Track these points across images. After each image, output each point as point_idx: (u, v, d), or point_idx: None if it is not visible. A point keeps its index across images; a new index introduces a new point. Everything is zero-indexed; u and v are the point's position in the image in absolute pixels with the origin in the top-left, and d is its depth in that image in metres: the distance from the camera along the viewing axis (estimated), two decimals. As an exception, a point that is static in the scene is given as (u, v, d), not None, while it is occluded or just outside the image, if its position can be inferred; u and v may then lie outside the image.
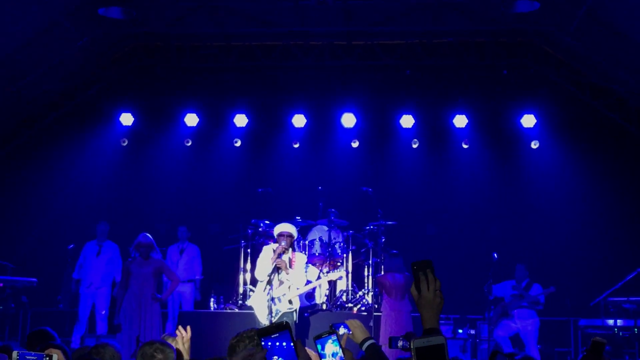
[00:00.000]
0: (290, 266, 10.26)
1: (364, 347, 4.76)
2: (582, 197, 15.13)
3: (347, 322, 4.89)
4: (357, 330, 4.90)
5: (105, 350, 5.76)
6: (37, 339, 5.70)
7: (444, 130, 15.59)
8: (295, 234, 10.45)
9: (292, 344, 2.18)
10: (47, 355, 3.62)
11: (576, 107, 15.05)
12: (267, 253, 10.38)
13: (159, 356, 4.92)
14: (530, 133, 15.34)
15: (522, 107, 15.19)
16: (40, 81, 14.34)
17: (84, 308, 13.29)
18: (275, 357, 2.16)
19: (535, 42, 14.65)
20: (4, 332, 12.46)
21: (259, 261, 10.68)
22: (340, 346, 2.69)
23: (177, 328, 11.62)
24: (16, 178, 15.61)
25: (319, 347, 2.68)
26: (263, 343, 2.17)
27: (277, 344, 2.16)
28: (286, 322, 2.27)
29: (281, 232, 10.32)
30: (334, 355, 2.65)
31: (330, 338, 2.68)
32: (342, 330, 4.84)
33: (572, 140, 15.19)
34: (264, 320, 9.98)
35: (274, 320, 9.97)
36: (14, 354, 3.67)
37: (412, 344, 2.37)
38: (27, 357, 3.64)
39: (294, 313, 10.23)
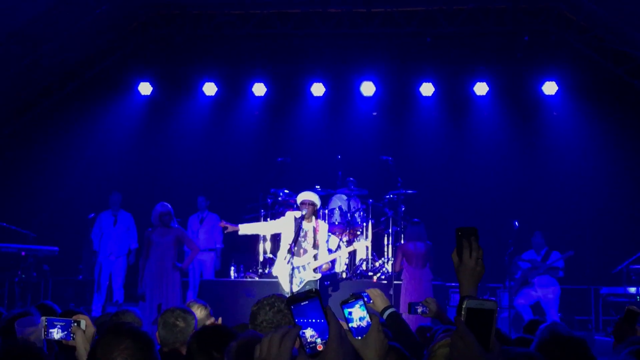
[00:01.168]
0: (315, 234, 10.23)
1: (384, 315, 4.77)
2: (604, 165, 15.01)
3: (368, 291, 4.89)
4: (377, 299, 4.91)
5: (126, 316, 5.80)
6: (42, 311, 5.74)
7: (464, 98, 15.50)
8: (318, 203, 10.39)
9: (321, 315, 2.14)
10: (75, 321, 3.63)
11: (598, 73, 14.89)
12: (289, 219, 10.33)
13: (181, 324, 4.92)
14: (552, 100, 15.21)
15: (544, 74, 15.06)
16: (58, 50, 14.33)
17: (105, 277, 13.39)
18: (309, 329, 2.12)
19: (556, 7, 14.45)
20: (26, 300, 12.55)
21: (278, 221, 10.73)
22: (367, 311, 2.65)
23: (197, 296, 11.73)
24: (36, 148, 15.66)
25: (346, 312, 2.64)
26: (294, 314, 2.13)
27: (307, 319, 2.11)
28: (316, 289, 2.23)
29: (303, 200, 10.28)
30: (361, 319, 2.61)
31: (357, 303, 2.64)
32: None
33: (594, 107, 15.03)
34: (287, 289, 9.99)
35: (297, 288, 9.97)
36: (43, 319, 3.68)
37: (464, 304, 2.32)
38: (55, 323, 3.66)
39: (317, 283, 10.23)
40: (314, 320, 2.11)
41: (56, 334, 3.68)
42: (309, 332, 2.10)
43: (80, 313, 3.80)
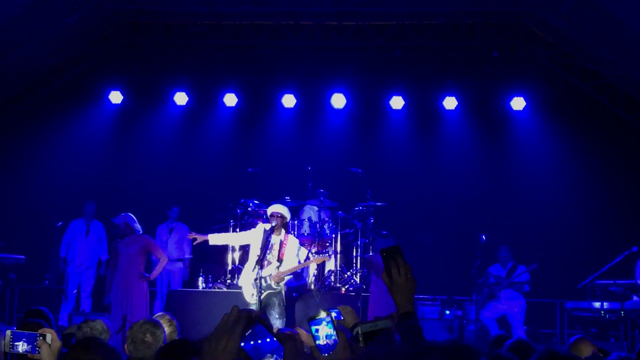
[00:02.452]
0: (281, 247, 10.23)
1: (353, 332, 4.81)
2: (571, 180, 15.20)
3: (339, 307, 4.93)
4: (348, 316, 4.94)
5: (95, 324, 5.79)
6: (33, 317, 5.72)
7: (433, 112, 15.62)
8: (287, 216, 10.40)
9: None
10: (41, 335, 3.63)
11: (565, 89, 15.08)
12: (259, 230, 10.36)
13: (149, 339, 4.92)
14: (520, 115, 15.39)
15: (512, 90, 15.23)
16: (28, 57, 14.23)
17: (72, 286, 13.29)
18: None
19: (525, 24, 14.63)
20: (-9, 308, 12.46)
21: (248, 232, 10.75)
22: (334, 328, 2.69)
23: (164, 306, 11.67)
24: (3, 154, 15.53)
25: (313, 329, 2.68)
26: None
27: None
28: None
29: (273, 213, 10.31)
30: (328, 337, 2.65)
31: (324, 320, 2.68)
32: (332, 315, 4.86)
33: (561, 123, 15.23)
34: (249, 299, 10.01)
35: (261, 297, 9.98)
36: (8, 332, 3.68)
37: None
38: (21, 336, 3.65)
39: (281, 293, 10.21)
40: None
41: (21, 347, 3.67)
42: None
43: (45, 327, 3.80)
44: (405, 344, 3.18)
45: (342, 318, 4.96)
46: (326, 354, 2.65)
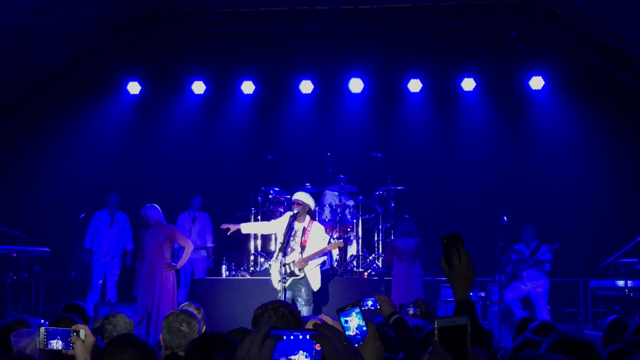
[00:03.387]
0: (304, 234, 10.25)
1: (390, 321, 4.87)
2: (592, 158, 15.11)
3: (376, 297, 4.99)
4: (384, 305, 5.01)
5: (116, 319, 5.85)
6: (68, 311, 5.80)
7: (452, 93, 15.57)
8: (309, 202, 10.39)
9: (308, 336, 2.12)
10: (75, 331, 3.68)
11: (584, 67, 14.97)
12: (286, 218, 10.39)
13: (185, 329, 4.99)
14: (538, 95, 15.31)
15: (530, 69, 15.14)
16: (46, 50, 14.29)
17: (97, 277, 13.43)
18: (301, 352, 2.11)
19: (543, 2, 14.52)
20: (18, 301, 12.57)
21: (277, 221, 10.85)
22: (364, 318, 2.71)
23: (188, 294, 11.75)
24: (25, 148, 15.65)
25: (343, 319, 2.70)
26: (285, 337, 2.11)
27: (292, 337, 2.10)
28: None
29: (294, 200, 10.35)
30: (358, 327, 2.67)
31: (354, 311, 2.70)
32: (369, 304, 4.93)
33: (581, 101, 15.12)
34: (277, 285, 10.06)
35: (286, 285, 10.02)
36: (42, 330, 3.73)
37: (436, 323, 2.39)
38: (55, 333, 3.71)
39: (305, 281, 10.21)
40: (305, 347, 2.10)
41: (55, 344, 3.72)
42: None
43: (76, 322, 3.85)
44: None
45: (379, 307, 5.02)
46: (356, 345, 2.67)
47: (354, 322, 2.71)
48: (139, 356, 2.94)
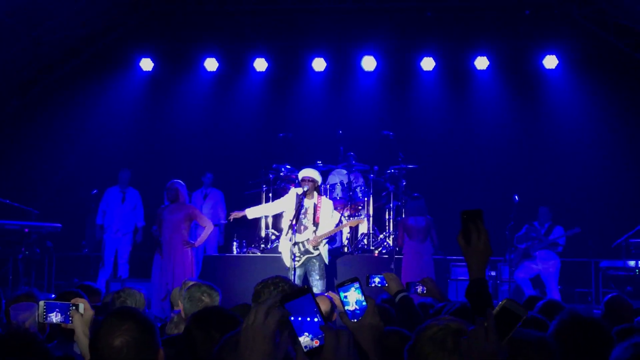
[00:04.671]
0: (316, 211, 10.29)
1: (397, 299, 4.89)
2: (605, 138, 15.02)
3: (384, 274, 5.01)
4: (392, 283, 5.03)
5: (127, 294, 5.86)
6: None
7: (465, 72, 15.48)
8: (318, 179, 10.42)
9: (315, 309, 2.16)
10: (74, 305, 3.70)
11: (599, 47, 14.84)
12: (292, 196, 10.41)
13: (206, 299, 5.03)
14: (552, 74, 15.20)
15: (544, 48, 15.03)
16: (60, 27, 14.30)
17: (109, 253, 13.50)
18: (306, 334, 2.14)
19: (559, -19, 14.40)
20: (30, 276, 12.66)
21: (282, 200, 10.86)
22: (363, 293, 2.71)
23: (199, 272, 11.76)
24: (38, 125, 15.70)
25: (342, 294, 2.70)
26: (287, 308, 2.15)
27: (300, 318, 2.14)
28: (307, 286, 2.27)
29: (304, 177, 10.33)
30: (357, 302, 2.68)
31: (353, 286, 2.70)
32: (376, 281, 4.96)
33: (595, 81, 15.01)
34: (288, 263, 10.08)
35: (297, 264, 10.06)
36: (41, 303, 3.75)
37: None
38: (54, 306, 3.73)
39: (321, 257, 10.27)
40: (308, 319, 2.13)
41: (54, 317, 3.74)
42: (303, 339, 2.12)
43: (79, 297, 3.86)
44: (476, 311, 3.20)
45: (386, 284, 5.04)
46: (355, 320, 2.67)
47: (352, 297, 2.71)
48: (138, 328, 2.96)
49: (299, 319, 2.12)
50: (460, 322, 2.76)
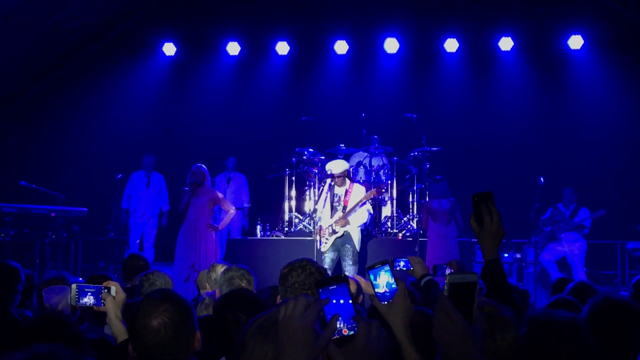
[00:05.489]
0: (346, 196, 10.43)
1: (422, 283, 4.88)
2: (630, 119, 14.87)
3: (409, 257, 5.00)
4: (417, 266, 5.03)
5: (156, 276, 5.91)
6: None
7: (489, 53, 15.37)
8: (338, 169, 10.51)
9: (350, 301, 2.17)
10: (106, 288, 3.74)
11: (624, 26, 14.68)
12: (327, 187, 10.80)
13: (245, 284, 5.07)
14: (577, 54, 15.06)
15: (569, 28, 14.88)
16: (80, 12, 14.33)
17: (135, 237, 13.61)
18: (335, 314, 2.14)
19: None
20: (57, 260, 12.78)
21: (322, 194, 11.11)
22: (393, 276, 2.70)
23: (224, 254, 11.82)
24: (62, 110, 15.78)
25: (372, 277, 2.69)
26: (321, 297, 2.15)
27: (334, 300, 2.15)
28: (344, 275, 2.27)
29: (332, 174, 10.58)
30: (387, 285, 2.67)
31: (383, 269, 2.68)
32: (401, 264, 4.95)
33: (621, 61, 14.84)
34: (323, 247, 10.43)
35: (326, 247, 10.33)
36: (73, 286, 3.79)
37: (447, 279, 2.38)
38: (86, 289, 3.76)
39: (351, 240, 10.37)
40: (341, 307, 2.14)
41: (87, 300, 3.79)
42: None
43: (110, 280, 3.90)
44: (491, 291, 3.18)
45: (411, 268, 5.03)
46: (385, 302, 2.67)
47: (383, 280, 2.70)
48: (175, 309, 2.98)
49: (333, 304, 2.12)
50: (489, 301, 2.76)
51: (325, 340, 2.04)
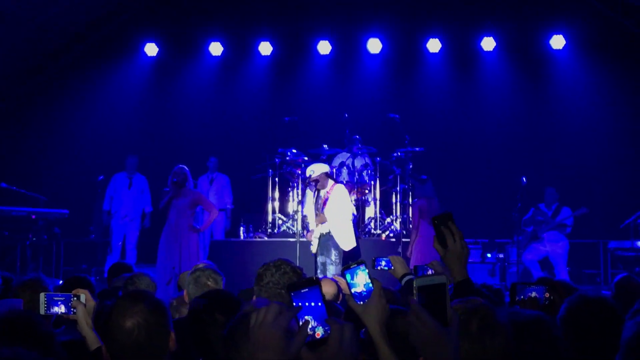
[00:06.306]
0: (325, 196, 10.46)
1: (402, 282, 4.87)
2: (612, 118, 14.92)
3: (390, 257, 4.99)
4: (398, 266, 5.02)
5: (140, 280, 5.88)
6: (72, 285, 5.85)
7: (471, 53, 15.40)
8: (321, 171, 10.49)
9: (320, 303, 2.15)
10: (75, 295, 3.69)
11: (607, 26, 14.73)
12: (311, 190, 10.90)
13: (211, 283, 5.03)
14: (559, 54, 15.11)
15: (551, 28, 14.93)
16: (65, 13, 14.25)
17: (117, 238, 13.53)
18: (307, 317, 2.13)
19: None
20: (38, 262, 12.69)
21: (307, 197, 11.34)
22: (369, 276, 2.68)
23: (207, 256, 11.81)
24: (44, 111, 15.69)
25: (349, 276, 2.67)
26: (294, 300, 2.14)
27: (307, 304, 2.13)
28: (316, 277, 2.25)
29: (311, 178, 10.57)
30: (365, 285, 2.64)
31: (359, 268, 2.66)
32: (382, 264, 4.94)
33: (602, 60, 14.90)
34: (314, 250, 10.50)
35: (313, 248, 10.46)
36: (42, 295, 3.74)
37: (414, 283, 2.36)
38: (55, 298, 3.71)
39: (332, 241, 10.35)
40: (313, 311, 2.12)
41: (57, 309, 3.74)
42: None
43: (90, 282, 3.86)
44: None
45: (392, 267, 5.01)
46: (361, 302, 2.64)
47: (360, 279, 2.68)
48: (149, 310, 2.95)
49: (305, 307, 2.11)
50: (485, 303, 2.74)
51: (296, 346, 2.03)
